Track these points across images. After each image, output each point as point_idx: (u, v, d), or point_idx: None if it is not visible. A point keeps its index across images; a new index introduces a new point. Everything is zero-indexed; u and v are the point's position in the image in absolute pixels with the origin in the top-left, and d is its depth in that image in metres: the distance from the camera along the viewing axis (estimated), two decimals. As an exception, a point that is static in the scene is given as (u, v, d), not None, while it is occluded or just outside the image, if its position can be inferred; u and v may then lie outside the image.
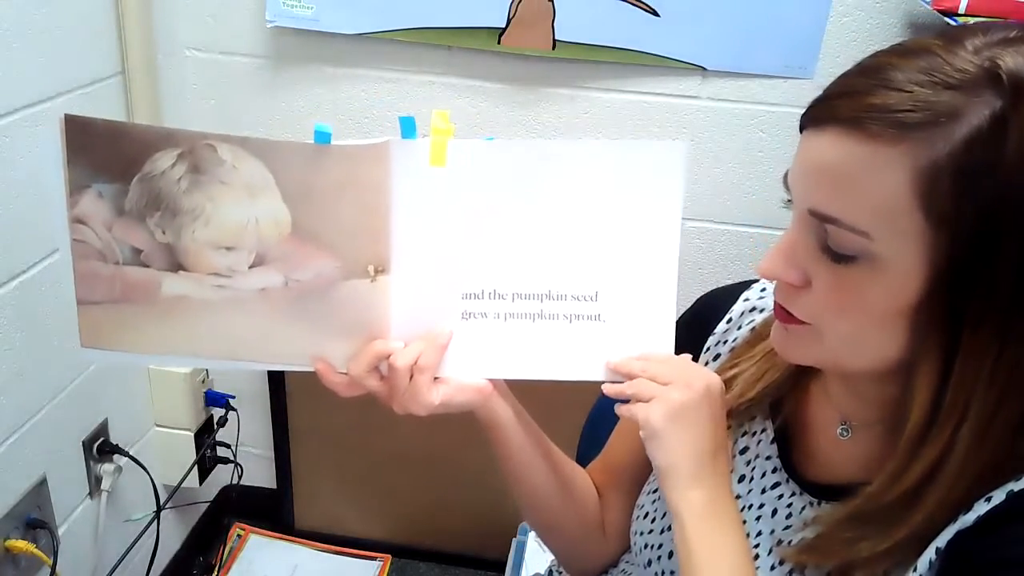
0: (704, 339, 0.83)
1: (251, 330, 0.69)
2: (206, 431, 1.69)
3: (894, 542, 0.60)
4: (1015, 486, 0.58)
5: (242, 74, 1.52)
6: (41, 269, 1.23)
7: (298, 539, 1.90)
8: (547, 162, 0.69)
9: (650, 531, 0.80)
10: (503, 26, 1.41)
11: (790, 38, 1.39)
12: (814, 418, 0.74)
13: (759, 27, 1.39)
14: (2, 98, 1.13)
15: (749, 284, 0.84)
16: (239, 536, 1.88)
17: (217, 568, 1.79)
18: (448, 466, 1.78)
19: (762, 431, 0.76)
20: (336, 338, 0.70)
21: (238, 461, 1.74)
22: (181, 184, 0.64)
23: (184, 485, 1.65)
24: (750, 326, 0.80)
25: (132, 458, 1.49)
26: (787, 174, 0.62)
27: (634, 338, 0.72)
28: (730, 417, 0.75)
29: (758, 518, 0.73)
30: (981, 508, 0.58)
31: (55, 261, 1.25)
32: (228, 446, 1.74)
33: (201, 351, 0.70)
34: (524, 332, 0.72)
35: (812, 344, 0.63)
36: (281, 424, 1.81)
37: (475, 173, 0.68)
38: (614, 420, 0.90)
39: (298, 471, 1.87)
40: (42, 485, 1.29)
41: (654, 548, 0.79)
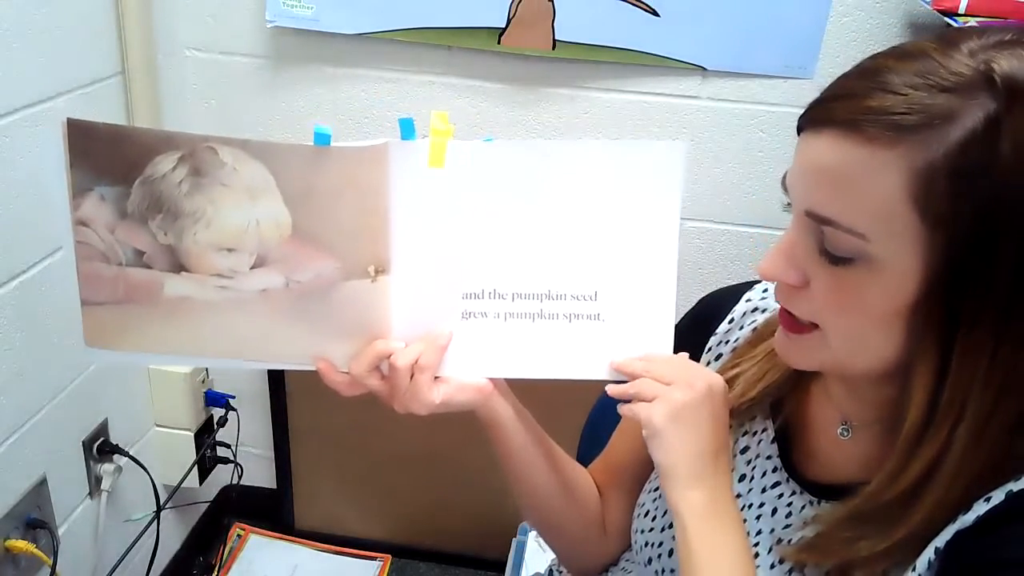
0: (706, 339, 0.83)
1: (253, 330, 0.69)
2: (206, 431, 1.69)
3: (893, 542, 0.60)
4: (1014, 486, 0.58)
5: (242, 74, 1.52)
6: (41, 269, 1.24)
7: (298, 539, 1.90)
8: (546, 162, 0.69)
9: (650, 529, 0.80)
10: (503, 26, 1.41)
11: (790, 38, 1.39)
12: (814, 418, 0.75)
13: (759, 27, 1.39)
14: (2, 98, 1.13)
15: (751, 285, 0.84)
16: (239, 536, 1.88)
17: (217, 568, 1.79)
18: (448, 466, 1.78)
19: (763, 430, 0.76)
20: (337, 338, 0.70)
21: (238, 461, 1.74)
22: (182, 187, 0.65)
23: (184, 485, 1.65)
24: (752, 326, 0.80)
25: (132, 458, 1.49)
26: (786, 176, 0.62)
27: (633, 337, 0.72)
28: (731, 417, 0.75)
29: (758, 517, 0.73)
30: (980, 508, 0.58)
31: (55, 261, 1.25)
32: (228, 446, 1.74)
33: (204, 351, 0.71)
34: (524, 332, 0.72)
35: (818, 350, 0.63)
36: (281, 424, 1.81)
37: (474, 174, 0.68)
38: (614, 420, 0.90)
39: (298, 471, 1.87)
40: (42, 485, 1.29)
41: (654, 546, 0.79)
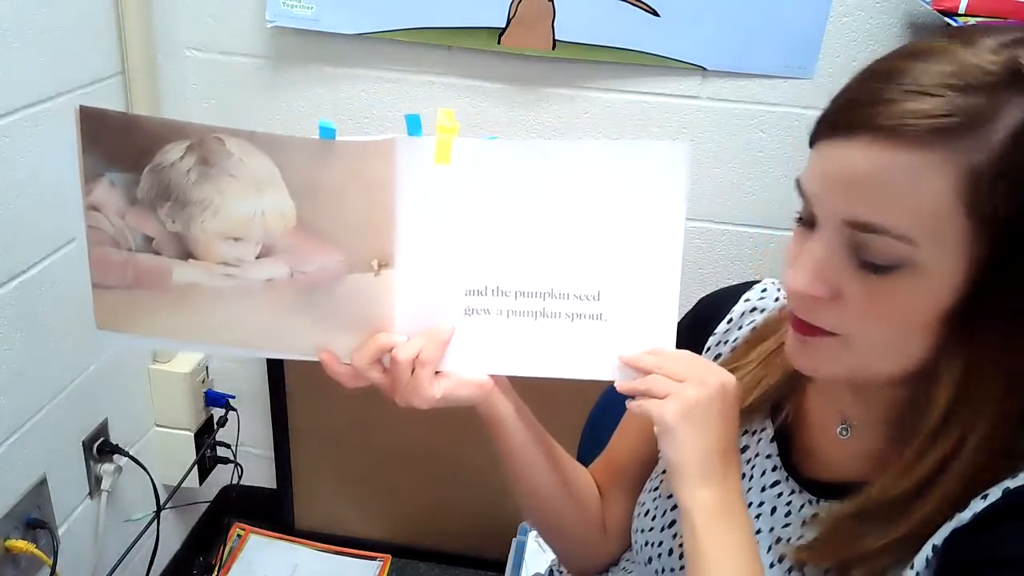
0: (705, 340, 0.83)
1: (259, 319, 0.70)
2: (206, 431, 1.69)
3: (896, 537, 0.60)
4: (1011, 483, 0.58)
5: (242, 74, 1.52)
6: (41, 269, 1.23)
7: (298, 539, 1.90)
8: (551, 162, 0.69)
9: (650, 529, 0.80)
10: (503, 26, 1.41)
11: (790, 38, 1.39)
12: (813, 417, 0.75)
13: (759, 27, 1.39)
14: (2, 98, 1.13)
15: (750, 285, 0.84)
16: (239, 536, 1.88)
17: (217, 568, 1.79)
18: (448, 466, 1.78)
19: (762, 430, 0.77)
20: (341, 330, 0.71)
21: (238, 461, 1.75)
22: (190, 176, 0.65)
23: (184, 485, 1.65)
24: (751, 326, 0.80)
25: (132, 458, 1.49)
26: (800, 184, 0.60)
27: (636, 338, 0.72)
28: None
29: (757, 516, 0.73)
30: (977, 506, 0.59)
31: (55, 261, 1.25)
32: (228, 446, 1.74)
33: (211, 338, 0.72)
34: (526, 329, 0.72)
35: (839, 355, 0.62)
36: (281, 424, 1.81)
37: (479, 171, 0.68)
38: (615, 420, 0.91)
39: (298, 471, 1.87)
40: (42, 485, 1.29)
41: (654, 546, 0.79)
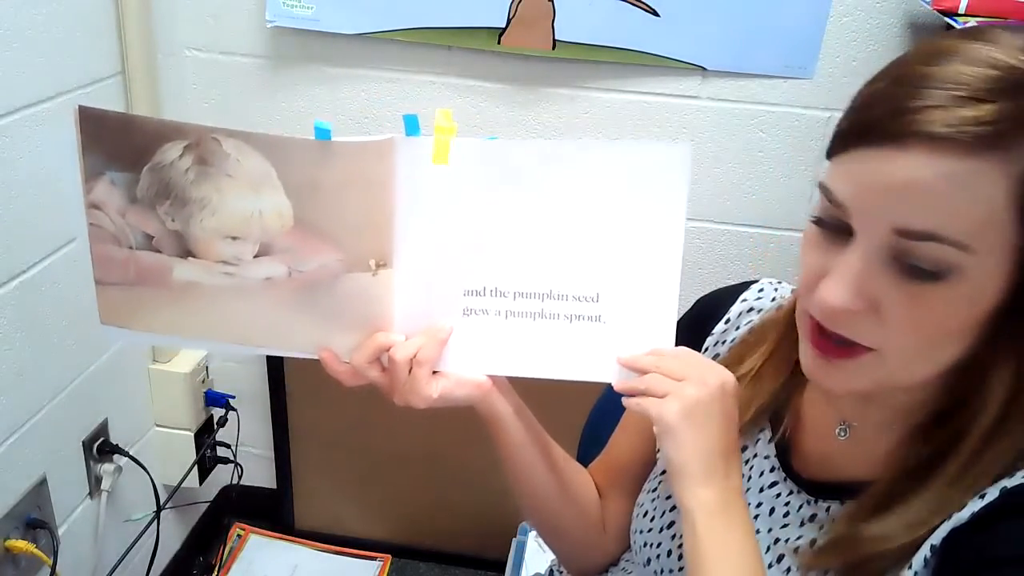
0: (703, 340, 0.83)
1: (259, 317, 0.70)
2: (206, 431, 1.69)
3: (899, 538, 0.61)
4: (1008, 482, 0.58)
5: (242, 74, 1.52)
6: (41, 269, 1.24)
7: (298, 539, 1.90)
8: (550, 163, 0.69)
9: (649, 530, 0.80)
10: (503, 26, 1.41)
11: (790, 38, 1.39)
12: (811, 418, 0.74)
13: (759, 27, 1.39)
14: (2, 98, 1.13)
15: (748, 285, 0.84)
16: (239, 536, 1.88)
17: (217, 568, 1.79)
18: (448, 466, 1.78)
19: (760, 431, 0.76)
20: (340, 329, 0.71)
21: (238, 461, 1.75)
22: (189, 175, 0.66)
23: (184, 485, 1.65)
24: (748, 326, 0.80)
25: (132, 458, 1.49)
26: (830, 192, 0.58)
27: (634, 341, 0.72)
28: None
29: (756, 516, 0.73)
30: (975, 505, 0.59)
31: (55, 261, 1.26)
32: (228, 446, 1.74)
33: (213, 334, 0.72)
34: (525, 330, 0.72)
35: (871, 371, 0.60)
36: (281, 424, 1.81)
37: (478, 172, 0.68)
38: (614, 420, 0.91)
39: (298, 471, 1.87)
40: (42, 485, 1.29)
41: (653, 547, 0.79)
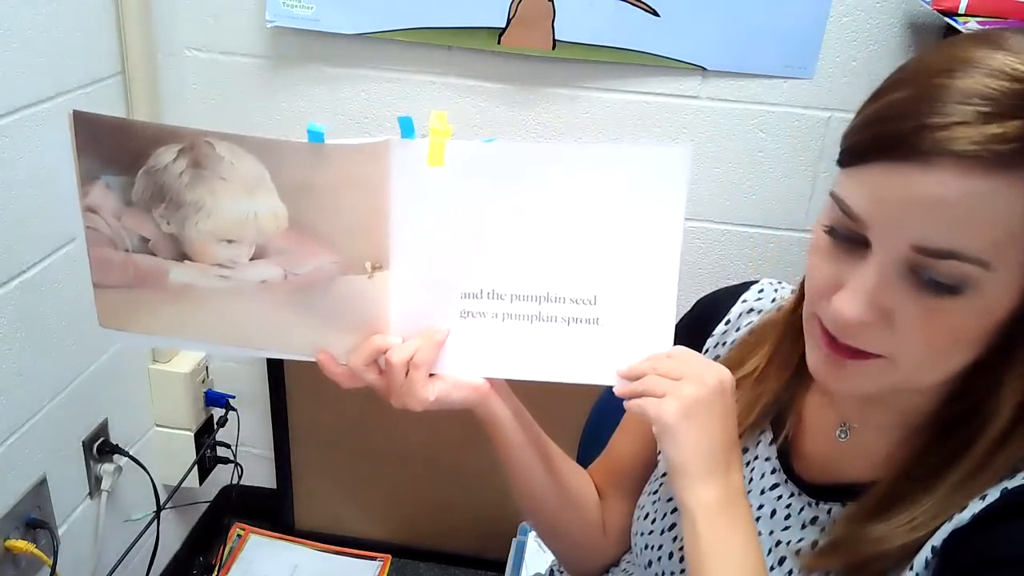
0: (703, 341, 0.83)
1: (255, 319, 0.71)
2: (206, 431, 1.69)
3: (901, 539, 0.61)
4: (1009, 483, 0.58)
5: (242, 74, 1.52)
6: (41, 269, 1.24)
7: (298, 539, 1.90)
8: (547, 164, 0.68)
9: (650, 532, 0.80)
10: (503, 26, 1.41)
11: (790, 38, 1.39)
12: (812, 420, 0.74)
13: (759, 27, 1.39)
14: (2, 98, 1.13)
15: (747, 285, 0.84)
16: (239, 536, 1.88)
17: (217, 568, 1.79)
18: (448, 466, 1.78)
19: (761, 433, 0.76)
20: (337, 331, 0.71)
21: (238, 461, 1.75)
22: (183, 178, 0.66)
23: (184, 485, 1.65)
24: (748, 327, 0.80)
25: (132, 458, 1.49)
26: (845, 204, 0.58)
27: (632, 343, 0.71)
28: None
29: (757, 519, 0.73)
30: (976, 506, 0.59)
31: (55, 261, 1.26)
32: (228, 446, 1.74)
33: (210, 336, 0.73)
34: (522, 333, 0.72)
35: (882, 376, 0.60)
36: (281, 424, 1.81)
37: (473, 174, 0.68)
38: (614, 421, 0.90)
39: (298, 471, 1.87)
40: (42, 485, 1.29)
41: (654, 549, 0.79)
